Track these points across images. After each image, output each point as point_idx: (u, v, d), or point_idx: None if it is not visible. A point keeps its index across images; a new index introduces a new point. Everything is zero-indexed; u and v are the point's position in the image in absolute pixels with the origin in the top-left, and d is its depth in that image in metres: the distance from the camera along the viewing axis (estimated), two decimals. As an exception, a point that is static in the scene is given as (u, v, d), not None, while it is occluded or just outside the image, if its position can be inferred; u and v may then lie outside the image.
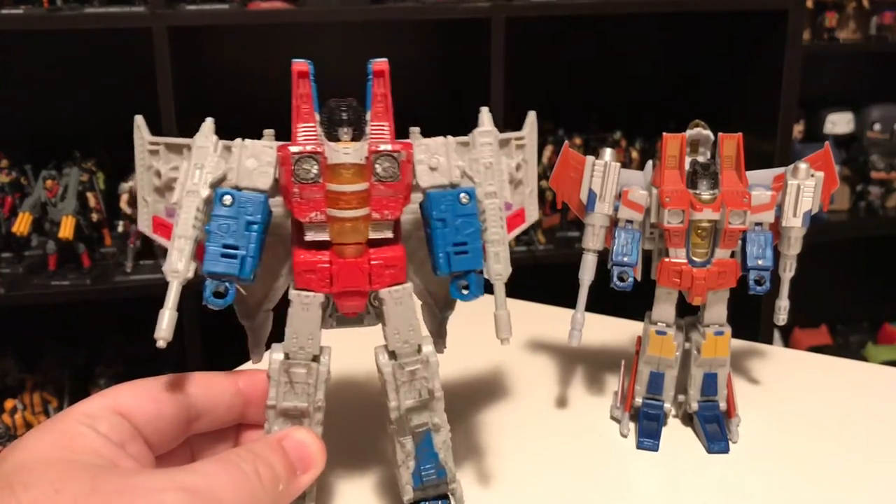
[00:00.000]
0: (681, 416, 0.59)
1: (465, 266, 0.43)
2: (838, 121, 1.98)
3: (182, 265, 0.40)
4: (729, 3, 1.69)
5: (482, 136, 0.46)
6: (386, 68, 0.43)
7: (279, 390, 0.42)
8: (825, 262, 2.03)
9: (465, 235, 0.43)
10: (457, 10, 1.56)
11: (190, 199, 0.41)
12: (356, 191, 0.41)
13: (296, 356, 0.42)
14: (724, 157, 0.55)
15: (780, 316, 0.57)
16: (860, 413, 0.60)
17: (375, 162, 0.41)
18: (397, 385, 0.43)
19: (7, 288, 1.53)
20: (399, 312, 0.43)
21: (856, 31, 1.94)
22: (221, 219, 0.40)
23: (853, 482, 0.51)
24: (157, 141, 0.46)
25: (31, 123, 1.72)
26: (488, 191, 0.45)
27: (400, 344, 0.43)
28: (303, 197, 0.41)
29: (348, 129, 0.41)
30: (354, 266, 0.42)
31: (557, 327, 0.60)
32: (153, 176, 0.46)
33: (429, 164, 0.43)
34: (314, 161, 0.41)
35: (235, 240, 0.40)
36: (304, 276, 0.41)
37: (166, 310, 0.39)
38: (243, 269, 0.40)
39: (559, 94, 1.84)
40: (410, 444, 0.44)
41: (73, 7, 1.49)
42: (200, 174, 0.41)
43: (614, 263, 0.54)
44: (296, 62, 0.42)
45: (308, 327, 0.42)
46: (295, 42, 1.77)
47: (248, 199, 0.41)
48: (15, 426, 1.55)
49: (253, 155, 0.41)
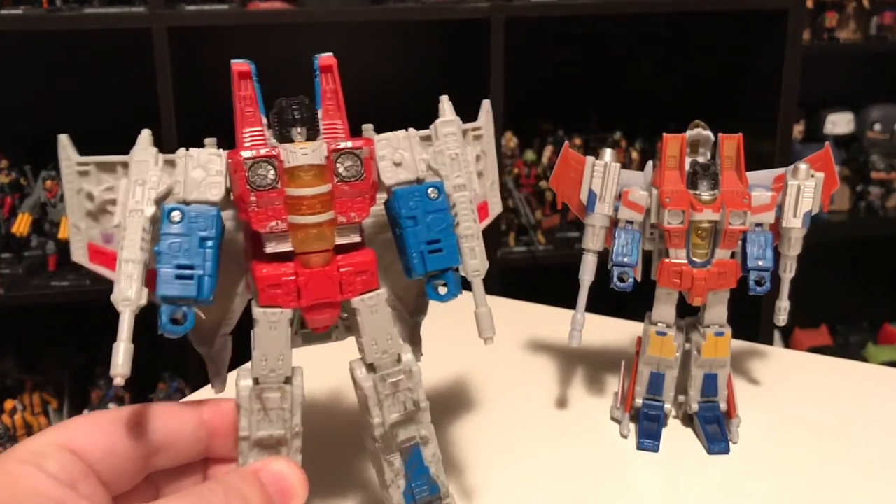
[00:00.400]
0: (681, 417, 0.59)
1: (441, 265, 0.41)
2: (838, 121, 1.98)
3: (133, 292, 0.36)
4: (729, 3, 1.69)
5: (444, 126, 0.43)
6: (334, 63, 0.40)
7: (252, 419, 0.38)
8: (825, 263, 2.03)
9: (438, 232, 0.40)
10: (456, 10, 1.56)
11: (134, 219, 0.37)
12: (318, 193, 0.38)
13: (266, 380, 0.38)
14: (724, 157, 0.55)
15: (780, 316, 0.57)
16: (860, 414, 0.60)
17: (336, 161, 0.39)
18: (380, 399, 0.40)
19: (7, 288, 1.53)
20: (375, 321, 0.40)
21: (856, 31, 1.94)
22: (172, 237, 0.37)
23: (853, 483, 0.51)
24: (86, 161, 0.41)
25: (30, 124, 1.72)
26: (457, 183, 0.42)
27: (378, 355, 0.40)
28: (260, 205, 0.37)
29: (302, 128, 0.38)
30: (323, 275, 0.38)
31: (557, 328, 0.60)
32: (84, 199, 0.41)
33: (392, 159, 0.41)
34: (270, 165, 0.37)
35: (190, 259, 0.37)
36: (269, 292, 0.38)
37: (121, 342, 0.36)
38: (202, 291, 0.37)
39: (559, 94, 1.84)
40: (399, 461, 0.41)
41: (72, 7, 1.49)
42: (143, 190, 0.37)
43: (614, 264, 0.54)
44: (235, 63, 0.39)
45: (277, 347, 0.38)
46: (294, 42, 1.77)
47: (198, 212, 0.37)
48: (14, 427, 1.55)
49: (199, 165, 0.38)
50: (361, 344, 0.40)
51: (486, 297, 0.43)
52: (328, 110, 0.40)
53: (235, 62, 0.39)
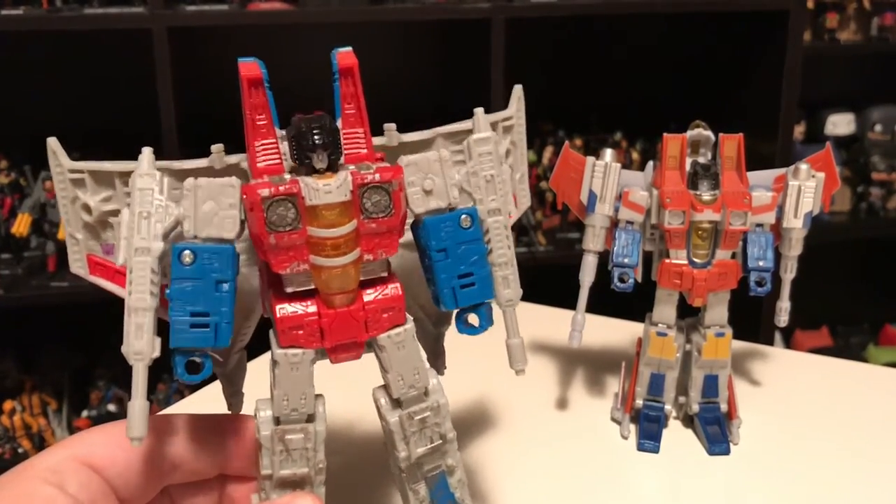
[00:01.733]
0: (681, 418, 0.58)
1: (473, 300, 0.38)
2: (839, 122, 1.98)
3: (144, 345, 0.33)
4: (729, 3, 1.69)
5: (479, 144, 0.39)
6: (355, 64, 0.36)
7: (274, 459, 0.36)
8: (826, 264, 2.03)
9: (471, 264, 0.38)
10: (457, 10, 1.56)
11: (141, 261, 0.34)
12: (344, 234, 0.35)
13: (288, 419, 0.36)
14: (724, 157, 0.55)
15: (780, 317, 0.57)
16: (861, 415, 0.59)
17: (363, 196, 0.35)
18: (406, 436, 0.38)
19: (6, 289, 1.53)
20: (401, 357, 0.37)
21: (857, 31, 1.93)
22: (184, 281, 0.34)
23: (854, 483, 0.51)
24: (78, 168, 0.39)
25: (30, 124, 1.72)
26: (491, 207, 0.39)
27: (405, 390, 0.38)
28: (280, 247, 0.34)
29: (323, 153, 0.35)
30: (347, 316, 0.36)
31: (558, 328, 0.60)
32: (81, 210, 0.39)
33: (422, 186, 0.37)
34: (290, 204, 0.34)
35: (204, 305, 0.34)
36: (291, 334, 0.35)
37: (136, 400, 0.33)
38: (219, 339, 0.34)
39: (559, 94, 1.84)
40: (424, 490, 0.39)
41: (72, 8, 1.49)
42: (148, 225, 0.34)
43: (615, 265, 0.54)
44: (243, 63, 0.35)
45: (300, 388, 0.36)
46: (294, 43, 1.77)
47: (212, 252, 0.34)
48: (14, 427, 1.55)
49: (210, 197, 0.34)
50: (388, 379, 0.38)
51: (517, 325, 0.40)
52: (348, 117, 0.37)
53: (243, 63, 0.35)
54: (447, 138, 0.42)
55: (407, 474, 0.39)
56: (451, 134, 0.42)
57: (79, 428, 1.57)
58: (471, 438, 0.56)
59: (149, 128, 1.50)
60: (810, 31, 1.86)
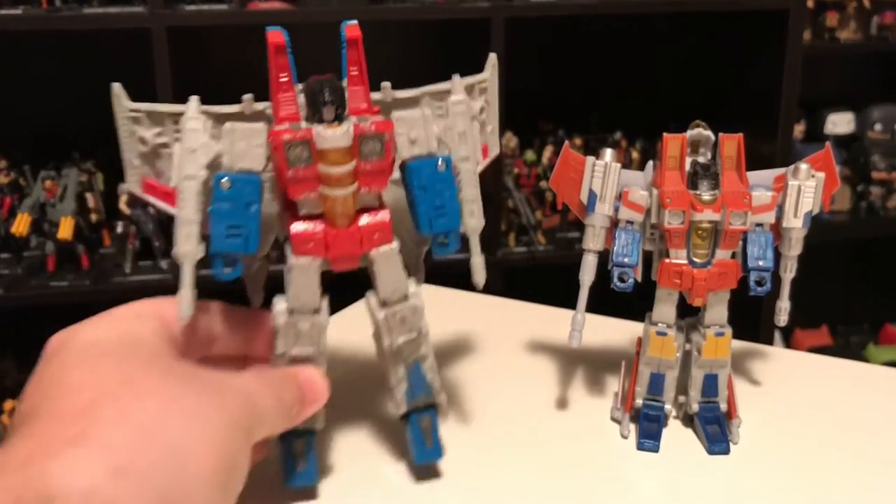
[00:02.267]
0: (681, 418, 0.58)
1: (444, 227, 0.48)
2: (839, 121, 1.98)
3: (191, 247, 0.43)
4: (729, 3, 1.69)
5: (455, 105, 0.50)
6: (359, 35, 0.46)
7: (287, 340, 0.46)
8: (826, 263, 2.03)
9: (444, 199, 0.47)
10: (456, 10, 1.56)
11: (189, 185, 0.43)
12: (346, 171, 0.44)
13: (299, 311, 0.46)
14: (724, 157, 0.55)
15: (780, 317, 0.57)
16: (862, 414, 0.59)
17: (361, 143, 0.44)
18: (390, 328, 0.48)
19: (6, 289, 1.53)
20: (388, 268, 0.47)
21: (857, 31, 1.94)
22: (222, 202, 0.43)
23: (855, 483, 0.51)
24: (137, 108, 0.48)
25: (29, 124, 1.72)
26: (462, 156, 0.49)
27: (389, 294, 0.48)
28: (296, 178, 0.44)
29: (331, 107, 0.44)
30: (346, 234, 0.46)
31: (557, 328, 0.60)
32: (137, 143, 0.49)
33: (408, 136, 0.47)
34: (305, 146, 0.43)
35: (237, 220, 0.43)
36: (303, 246, 0.45)
37: (184, 289, 0.43)
38: (248, 246, 0.44)
39: (559, 94, 1.84)
40: (403, 370, 0.49)
41: (71, 7, 1.49)
42: (195, 158, 0.43)
43: (615, 264, 0.54)
44: (271, 31, 0.44)
45: (309, 287, 0.46)
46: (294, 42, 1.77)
47: (244, 181, 0.44)
48: (14, 427, 1.55)
49: (243, 137, 0.44)
50: (377, 285, 0.48)
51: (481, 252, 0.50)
52: (352, 78, 0.46)
53: (271, 31, 0.44)
54: (432, 96, 0.52)
55: (390, 358, 0.49)
56: (435, 93, 0.52)
57: (79, 428, 1.57)
58: (470, 437, 0.56)
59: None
60: (810, 31, 1.86)
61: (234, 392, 0.40)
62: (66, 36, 1.62)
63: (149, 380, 0.38)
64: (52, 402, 0.36)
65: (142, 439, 0.34)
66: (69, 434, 0.33)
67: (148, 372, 0.38)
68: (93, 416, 0.34)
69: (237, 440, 0.39)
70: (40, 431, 0.34)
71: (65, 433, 0.34)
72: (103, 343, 0.40)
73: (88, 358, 0.38)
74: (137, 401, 0.36)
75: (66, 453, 0.33)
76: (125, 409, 0.35)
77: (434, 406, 0.51)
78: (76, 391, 0.36)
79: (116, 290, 1.56)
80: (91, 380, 0.36)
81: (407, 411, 0.50)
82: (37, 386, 0.38)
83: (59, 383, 0.37)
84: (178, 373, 0.39)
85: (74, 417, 0.34)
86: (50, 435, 0.34)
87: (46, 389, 0.37)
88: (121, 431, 0.34)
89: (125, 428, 0.34)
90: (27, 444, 0.34)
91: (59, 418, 0.35)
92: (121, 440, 0.34)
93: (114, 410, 0.35)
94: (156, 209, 1.55)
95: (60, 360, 0.39)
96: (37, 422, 0.35)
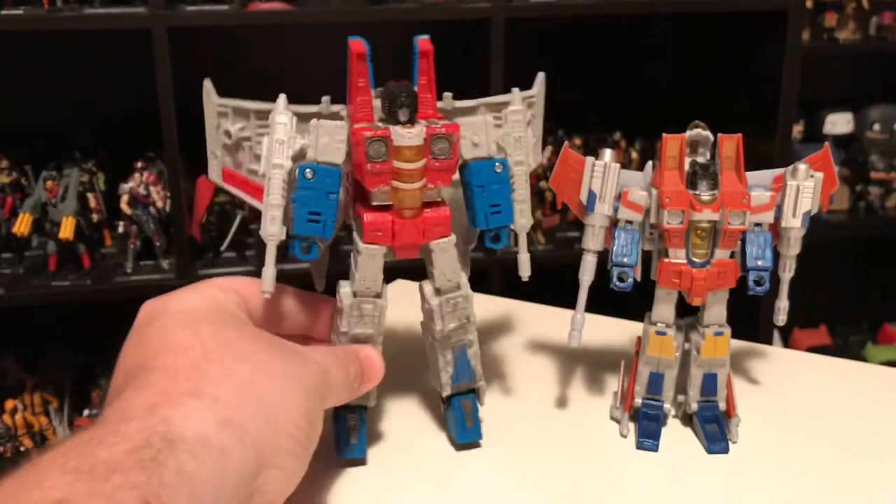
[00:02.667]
0: (680, 417, 0.59)
1: (499, 223, 0.52)
2: (838, 121, 1.98)
3: (276, 229, 0.47)
4: (729, 3, 1.70)
5: (513, 114, 0.55)
6: (430, 49, 0.51)
7: (351, 320, 0.51)
8: (825, 263, 2.03)
9: (500, 198, 0.52)
10: (456, 10, 1.56)
11: (276, 172, 0.47)
12: (417, 168, 0.48)
13: (364, 294, 0.51)
14: (723, 157, 0.55)
15: (779, 316, 0.57)
16: (860, 413, 0.60)
17: (432, 143, 0.49)
18: (442, 314, 0.52)
19: (7, 288, 1.53)
20: (445, 259, 0.51)
21: (855, 31, 1.94)
22: (305, 190, 0.48)
23: (853, 482, 0.52)
24: (224, 103, 0.54)
25: (31, 124, 1.72)
26: (517, 160, 0.54)
27: (444, 282, 0.52)
28: (373, 172, 0.48)
29: (406, 109, 0.48)
30: (412, 225, 0.50)
31: (557, 328, 0.61)
32: (223, 135, 0.54)
33: (471, 140, 0.51)
34: (383, 143, 0.48)
35: (318, 207, 0.48)
36: (372, 234, 0.49)
37: (268, 267, 0.48)
38: (326, 232, 0.49)
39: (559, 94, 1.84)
40: (450, 354, 0.53)
41: (73, 8, 1.49)
42: (283, 149, 0.48)
43: (614, 264, 0.55)
44: (354, 41, 0.49)
45: (373, 272, 0.50)
46: (295, 43, 1.77)
47: (326, 172, 0.48)
48: (15, 426, 1.56)
49: (327, 133, 0.48)
50: (433, 273, 0.52)
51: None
52: (422, 86, 0.51)
53: (354, 41, 0.49)
54: (487, 107, 0.57)
55: (439, 343, 0.53)
56: (491, 104, 0.57)
57: (80, 427, 1.57)
58: (471, 437, 0.56)
59: (149, 127, 1.50)
60: (809, 31, 1.86)
61: (312, 361, 0.45)
62: (68, 36, 1.62)
63: (242, 344, 0.42)
64: (162, 359, 0.40)
65: (243, 396, 0.39)
66: (185, 387, 0.38)
67: (241, 337, 0.43)
68: (201, 372, 0.39)
69: (316, 404, 0.44)
70: (159, 383, 0.38)
71: (181, 386, 0.38)
72: (198, 310, 0.44)
73: (189, 322, 0.43)
74: (237, 362, 0.40)
75: (184, 403, 0.37)
76: (227, 368, 0.40)
77: (474, 391, 0.55)
78: (184, 350, 0.40)
79: (118, 289, 1.56)
80: (195, 341, 0.41)
81: (451, 394, 0.54)
82: (139, 345, 0.43)
83: (166, 342, 0.41)
84: (266, 339, 0.44)
85: (188, 373, 0.39)
86: (168, 387, 0.38)
87: (155, 347, 0.41)
88: (225, 388, 0.39)
89: (229, 385, 0.39)
90: (147, 393, 0.38)
91: (175, 372, 0.39)
92: (226, 395, 0.38)
93: (218, 368, 0.40)
94: (156, 209, 1.57)
95: (162, 324, 0.43)
96: (152, 375, 0.39)
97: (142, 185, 1.58)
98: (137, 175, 1.58)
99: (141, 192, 1.57)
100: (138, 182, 1.58)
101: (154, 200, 1.58)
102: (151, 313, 0.45)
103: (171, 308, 0.45)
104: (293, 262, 0.52)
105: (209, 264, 1.62)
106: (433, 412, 0.58)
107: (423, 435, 0.56)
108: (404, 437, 0.56)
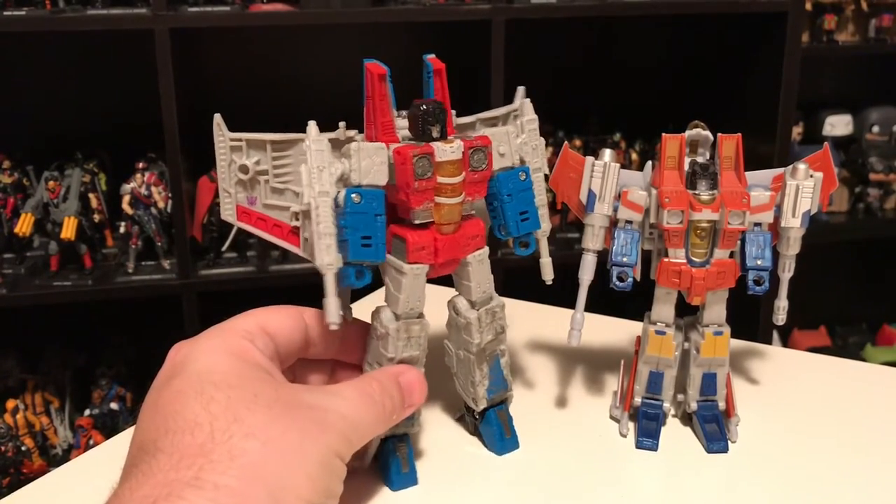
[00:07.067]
0: (680, 416, 0.59)
1: (528, 229, 0.53)
2: (837, 123, 1.98)
3: (332, 258, 0.46)
4: (728, 4, 1.70)
5: (529, 123, 0.56)
6: (443, 67, 0.51)
7: (398, 344, 0.50)
8: (824, 264, 2.03)
9: (527, 205, 0.52)
10: (457, 12, 1.57)
11: (324, 200, 0.46)
12: (458, 182, 0.49)
13: (409, 315, 0.50)
14: (723, 157, 0.55)
15: (778, 316, 0.57)
16: (859, 413, 0.60)
17: (471, 155, 0.49)
18: (481, 326, 0.52)
19: (9, 288, 1.53)
20: (481, 270, 0.52)
21: (854, 33, 1.94)
22: (355, 215, 0.46)
23: (852, 482, 0.52)
24: (238, 137, 0.51)
25: (33, 124, 1.73)
26: (536, 167, 0.55)
27: (480, 294, 0.52)
28: (419, 189, 0.47)
29: (438, 126, 0.48)
30: (453, 240, 0.50)
31: (557, 327, 0.61)
32: (237, 170, 0.51)
33: (498, 150, 0.52)
34: (427, 160, 0.47)
35: (368, 231, 0.47)
36: (417, 253, 0.49)
37: (330, 297, 0.46)
38: (379, 254, 0.47)
39: (559, 95, 1.84)
40: (487, 367, 0.53)
41: (75, 9, 1.49)
42: (325, 175, 0.46)
43: (614, 264, 0.55)
44: (371, 63, 0.49)
45: (418, 292, 0.49)
46: (296, 44, 1.77)
47: (372, 195, 0.47)
48: (17, 426, 1.56)
49: (367, 156, 0.47)
50: (469, 287, 0.52)
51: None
52: None
53: (371, 63, 0.49)
54: (483, 122, 0.57)
55: (476, 357, 0.53)
56: (486, 119, 0.57)
57: (81, 426, 1.57)
58: (469, 436, 0.56)
59: (151, 128, 1.51)
60: (808, 33, 1.86)
61: (335, 419, 0.43)
62: (70, 37, 1.63)
63: (255, 417, 0.41)
64: (170, 437, 0.40)
65: (247, 479, 0.38)
66: (187, 476, 0.38)
67: (254, 410, 0.41)
68: (206, 457, 0.39)
69: (335, 468, 0.43)
70: (161, 471, 0.38)
71: (182, 475, 0.38)
72: (217, 373, 0.43)
73: (204, 388, 0.42)
74: (245, 440, 0.40)
75: (184, 497, 0.37)
76: (233, 449, 0.39)
77: (505, 401, 0.56)
78: (191, 429, 0.40)
79: (119, 289, 1.56)
80: (205, 416, 0.40)
81: (486, 407, 0.54)
82: (155, 414, 0.42)
83: (176, 417, 0.41)
84: (283, 406, 0.42)
85: (192, 458, 0.39)
86: (170, 477, 0.38)
87: (167, 422, 0.41)
88: (228, 473, 0.38)
89: (233, 469, 0.38)
90: (149, 483, 0.38)
91: (179, 457, 0.39)
92: (229, 482, 0.38)
93: (224, 450, 0.39)
94: (158, 209, 1.58)
95: (179, 389, 0.42)
96: (157, 459, 0.39)
97: (143, 185, 1.58)
98: (139, 175, 1.59)
99: (142, 193, 1.58)
100: (140, 182, 1.58)
101: (155, 201, 1.58)
102: (175, 366, 0.44)
103: (191, 367, 0.43)
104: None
105: (210, 265, 1.62)
106: (433, 413, 0.58)
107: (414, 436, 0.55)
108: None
